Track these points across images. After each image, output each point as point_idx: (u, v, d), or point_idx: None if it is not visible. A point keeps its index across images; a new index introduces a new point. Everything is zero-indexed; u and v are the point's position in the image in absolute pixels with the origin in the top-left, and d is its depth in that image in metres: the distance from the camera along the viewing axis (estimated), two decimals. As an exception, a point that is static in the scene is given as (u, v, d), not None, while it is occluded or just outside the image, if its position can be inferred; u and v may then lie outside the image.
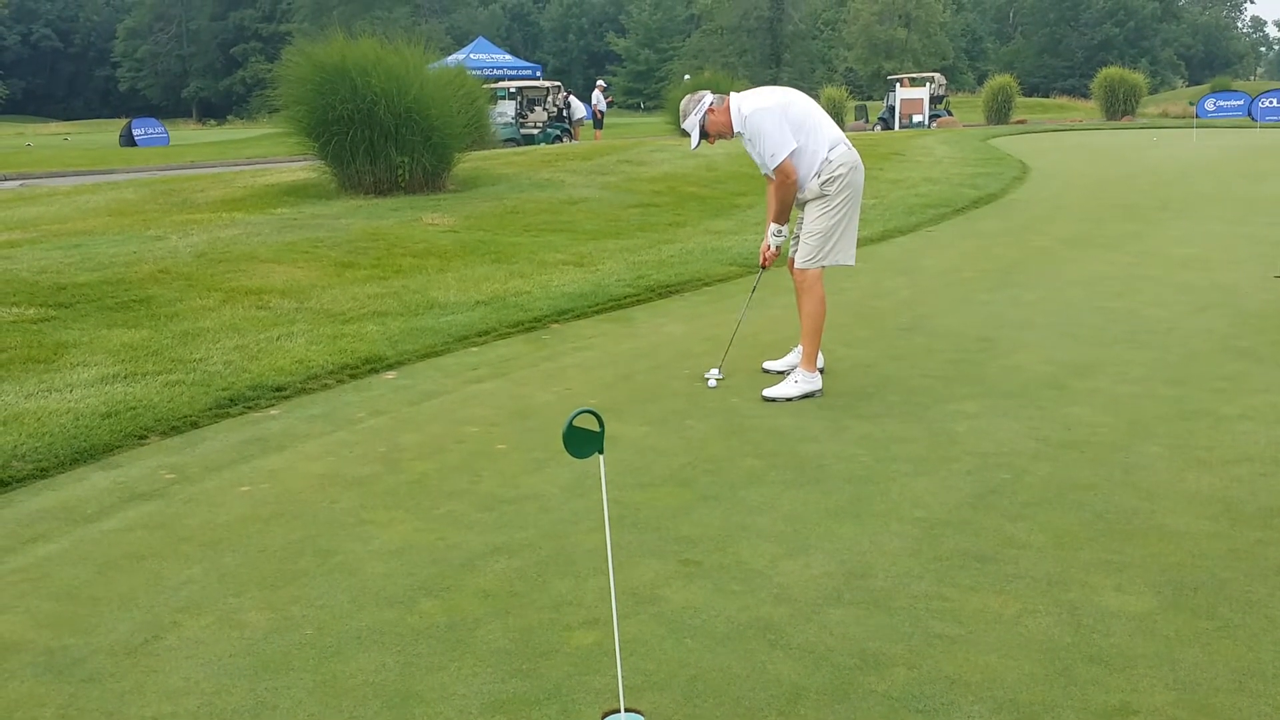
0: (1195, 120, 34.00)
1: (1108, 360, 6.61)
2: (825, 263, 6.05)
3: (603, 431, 2.95)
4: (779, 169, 5.86)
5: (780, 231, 6.14)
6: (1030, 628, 3.41)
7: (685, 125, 6.09)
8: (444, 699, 3.09)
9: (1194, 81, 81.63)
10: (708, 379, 6.30)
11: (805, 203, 6.06)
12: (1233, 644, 3.27)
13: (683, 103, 6.13)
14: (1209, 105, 42.17)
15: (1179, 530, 4.10)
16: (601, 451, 2.98)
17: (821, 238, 6.00)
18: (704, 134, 6.05)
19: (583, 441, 2.97)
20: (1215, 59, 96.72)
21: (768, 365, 6.56)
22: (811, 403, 5.93)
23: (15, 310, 7.50)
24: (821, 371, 6.19)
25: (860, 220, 6.26)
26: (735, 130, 5.99)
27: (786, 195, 5.97)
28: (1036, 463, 4.87)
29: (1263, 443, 5.05)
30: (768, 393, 6.01)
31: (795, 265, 6.14)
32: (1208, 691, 3.02)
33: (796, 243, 6.19)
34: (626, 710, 2.98)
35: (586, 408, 2.96)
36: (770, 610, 3.57)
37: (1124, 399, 5.81)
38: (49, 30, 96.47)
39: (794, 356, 6.39)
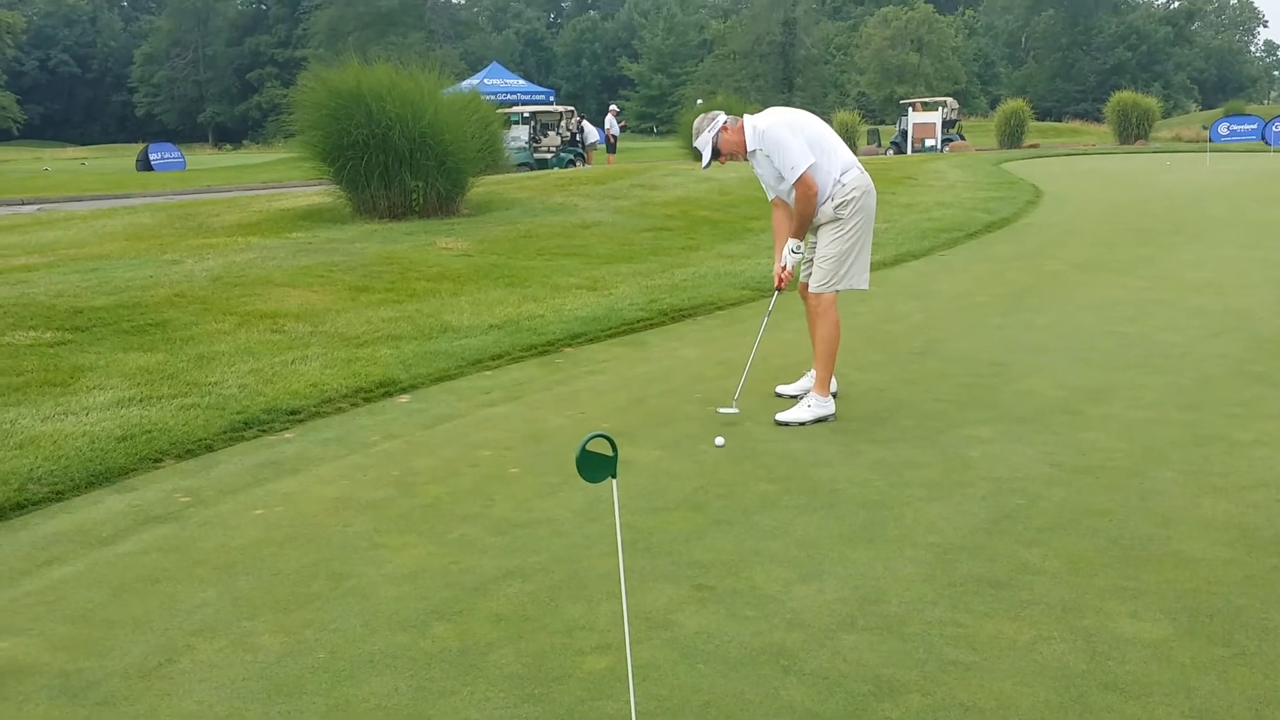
0: (1208, 144, 33.95)
1: (1121, 385, 6.59)
2: (840, 287, 6.06)
3: (616, 456, 2.95)
4: (800, 182, 5.85)
5: (799, 248, 6.09)
6: (1045, 654, 3.40)
7: (697, 143, 6.09)
8: (457, 724, 3.09)
9: (1207, 106, 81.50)
10: (722, 413, 6.18)
11: (819, 227, 6.08)
12: (1249, 671, 3.26)
13: (696, 121, 6.14)
14: (1222, 129, 42.11)
15: (1195, 556, 4.08)
16: (615, 476, 2.99)
17: (836, 262, 6.01)
18: (716, 153, 6.05)
19: (596, 466, 2.97)
20: (1228, 83, 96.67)
21: (781, 389, 6.53)
22: (824, 427, 5.93)
23: (32, 334, 7.55)
24: (834, 396, 6.18)
25: (874, 244, 6.27)
26: (750, 149, 5.97)
27: (808, 209, 5.95)
28: (1051, 488, 4.86)
29: (1278, 469, 5.03)
30: (781, 417, 6.00)
31: (810, 289, 6.15)
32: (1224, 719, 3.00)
33: (809, 267, 6.21)
34: None
35: (600, 432, 2.97)
36: (783, 636, 3.56)
37: (1138, 424, 5.79)
38: (67, 56, 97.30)
39: (807, 381, 6.37)
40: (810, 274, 6.20)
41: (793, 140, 5.88)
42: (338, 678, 3.35)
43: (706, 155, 6.07)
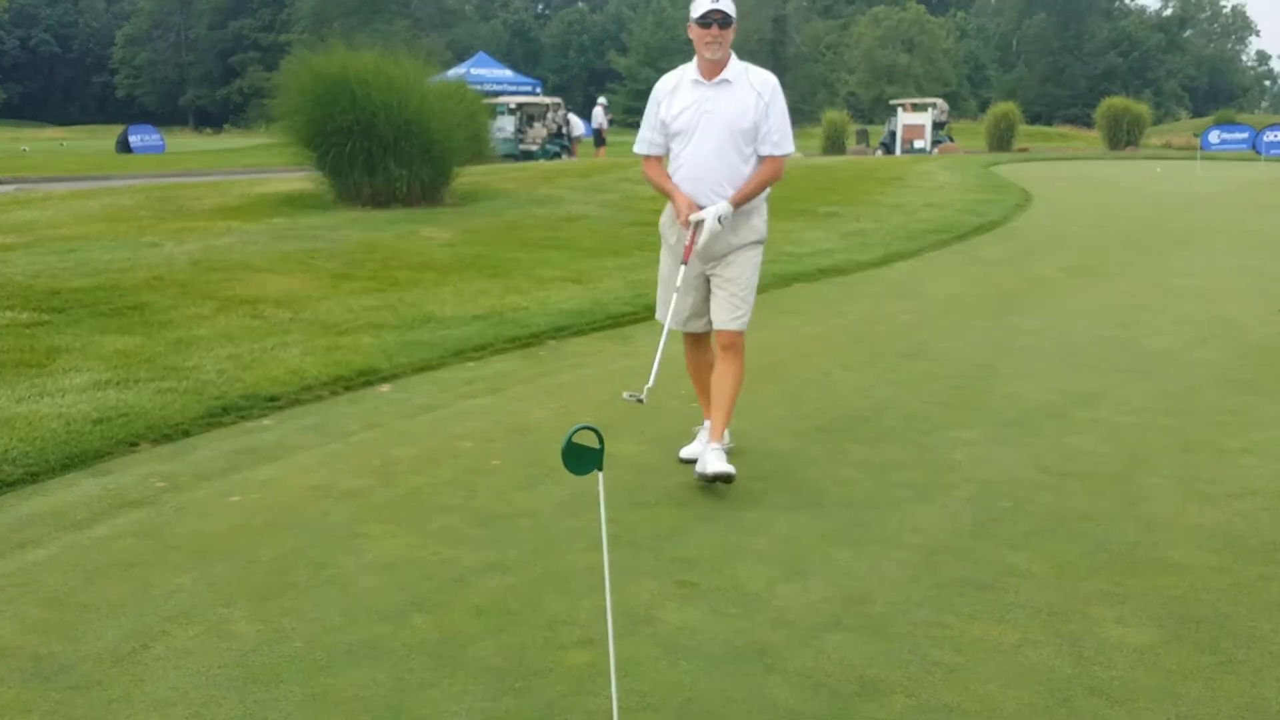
0: (1199, 152, 34.08)
1: (1109, 390, 6.58)
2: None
3: (602, 449, 2.91)
4: (778, 163, 4.93)
5: (726, 219, 4.84)
6: (1030, 658, 3.37)
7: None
8: (435, 716, 3.04)
9: (1198, 114, 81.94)
10: (629, 398, 4.96)
11: (735, 249, 4.95)
12: (1236, 679, 3.23)
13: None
14: (1213, 137, 42.27)
15: (1181, 563, 4.06)
16: (601, 469, 2.94)
17: (753, 291, 5.03)
18: (727, 20, 4.78)
19: (582, 458, 2.93)
20: (1220, 91, 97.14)
21: (683, 453, 5.29)
22: (810, 425, 5.87)
23: (8, 314, 7.45)
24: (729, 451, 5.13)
25: (862, 244, 6.19)
26: (730, 74, 4.86)
27: (760, 189, 4.92)
28: (1037, 491, 4.83)
29: (1266, 477, 5.02)
30: (712, 469, 4.79)
31: (725, 326, 4.98)
32: (1212, 727, 2.98)
33: (698, 302, 5.10)
34: None
35: (586, 424, 2.92)
36: (767, 634, 3.52)
37: (1125, 429, 5.78)
38: (48, 35, 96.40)
39: (706, 435, 5.14)
40: (701, 310, 5.11)
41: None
42: (315, 667, 3.30)
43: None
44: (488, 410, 6.14)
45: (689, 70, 4.89)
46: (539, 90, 47.31)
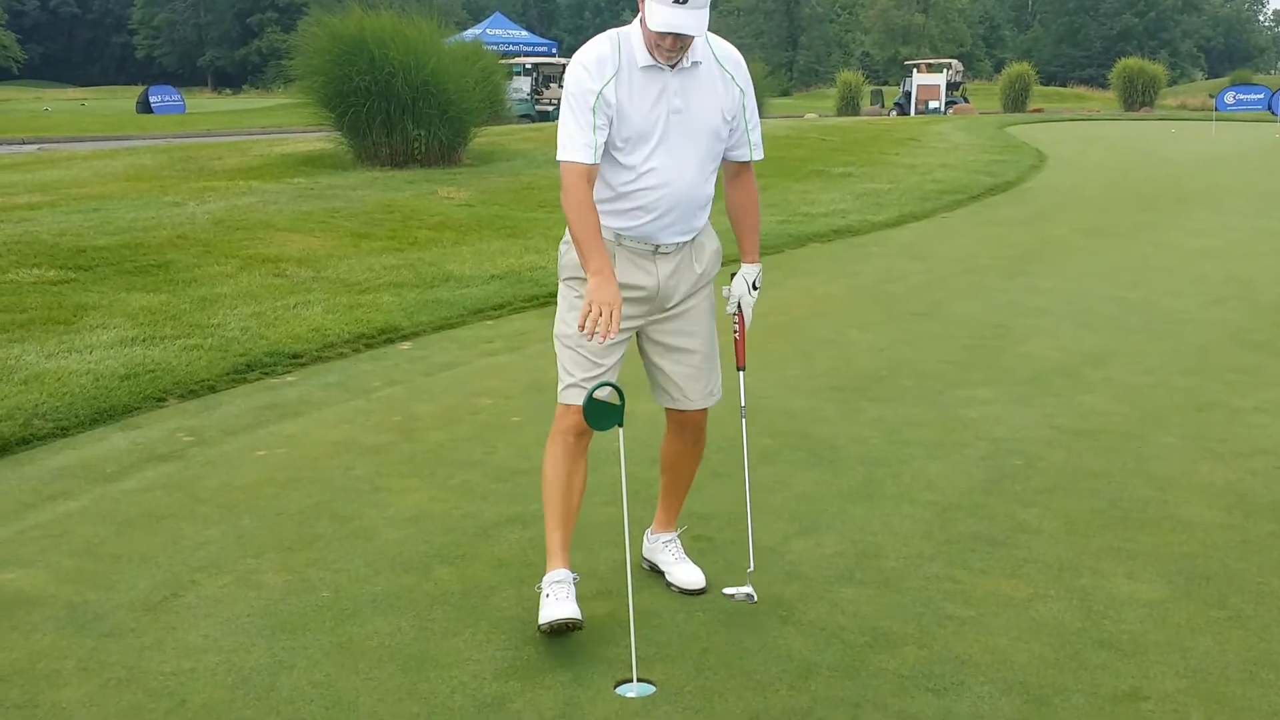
0: (1214, 113, 33.82)
1: (1122, 350, 6.61)
2: None
3: (623, 404, 2.98)
4: (750, 168, 3.54)
5: (757, 280, 3.58)
6: (1041, 612, 3.43)
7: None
8: (458, 664, 3.13)
9: (1213, 74, 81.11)
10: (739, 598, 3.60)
11: (692, 292, 3.48)
12: (1244, 634, 3.29)
13: None
14: (1228, 98, 41.96)
15: (1192, 520, 4.12)
16: (621, 425, 3.01)
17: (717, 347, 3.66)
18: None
19: (603, 414, 3.01)
20: (1235, 52, 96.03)
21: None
22: (825, 384, 5.92)
23: (36, 272, 7.54)
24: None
25: (876, 204, 6.16)
26: (695, 58, 3.23)
27: (757, 213, 3.62)
28: (1050, 449, 4.88)
29: (1277, 436, 5.06)
30: (691, 583, 3.64)
31: (703, 405, 3.66)
32: (1218, 680, 3.04)
33: (678, 374, 3.56)
34: (639, 680, 3.01)
35: (608, 381, 2.98)
36: (782, 588, 3.60)
37: (1138, 389, 5.82)
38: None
39: (673, 546, 3.79)
40: (669, 384, 3.59)
41: None
42: (341, 616, 3.39)
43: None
44: (507, 368, 6.21)
45: (630, 45, 3.24)
46: (555, 51, 47.09)
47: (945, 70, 40.78)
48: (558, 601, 3.24)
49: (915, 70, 41.42)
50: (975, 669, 3.10)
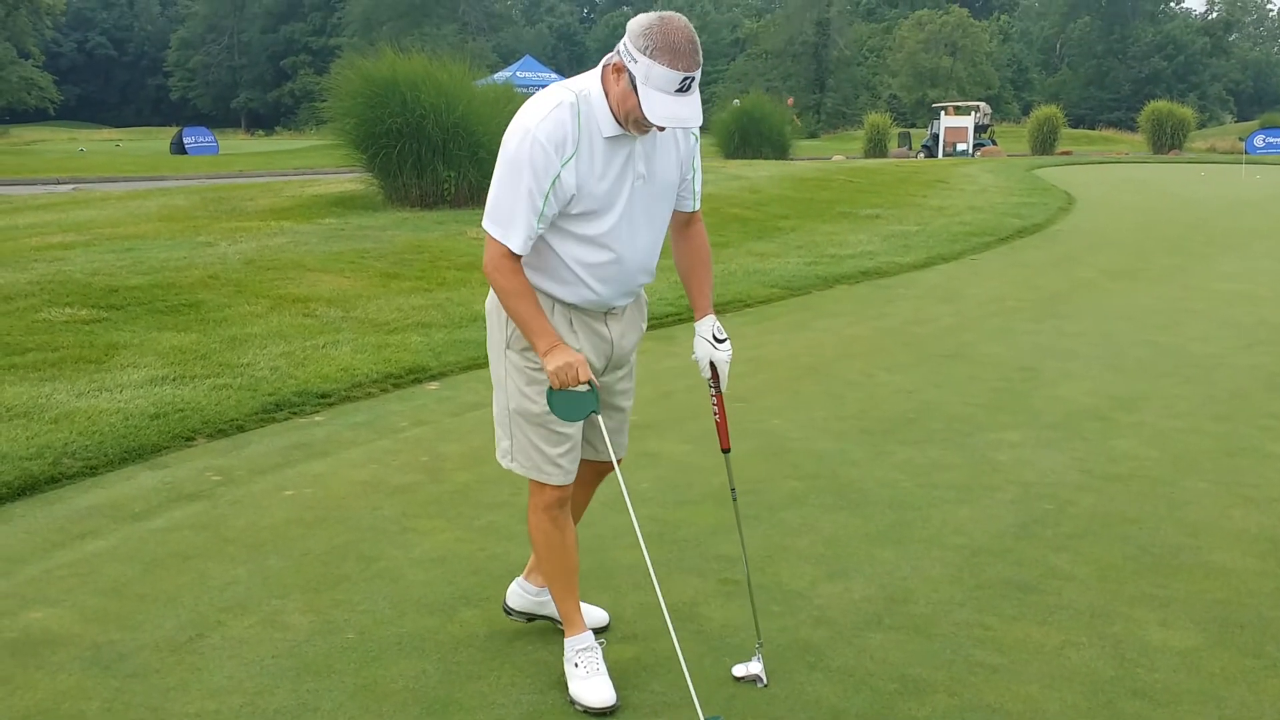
0: (1244, 156, 33.67)
1: (1153, 394, 6.55)
2: None
3: (594, 391, 2.96)
4: (699, 217, 3.47)
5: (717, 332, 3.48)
6: (1073, 660, 3.39)
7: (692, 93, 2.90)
8: (483, 707, 3.11)
9: (1243, 117, 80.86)
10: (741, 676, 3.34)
11: (633, 348, 3.43)
12: (1279, 683, 3.24)
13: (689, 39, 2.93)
14: (1258, 141, 41.76)
15: (1225, 567, 4.06)
16: (598, 412, 2.98)
17: None
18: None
19: (571, 404, 2.96)
20: (1265, 95, 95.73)
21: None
22: (853, 426, 5.89)
23: (68, 310, 7.62)
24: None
25: (904, 246, 6.15)
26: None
27: (710, 264, 3.57)
28: (1080, 494, 4.84)
29: (1311, 482, 4.99)
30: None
31: (619, 456, 3.27)
32: (1253, 729, 2.99)
33: (613, 426, 3.36)
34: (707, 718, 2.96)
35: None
36: (810, 632, 3.56)
37: (1170, 433, 5.76)
38: (104, 39, 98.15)
39: (596, 618, 3.59)
40: (597, 439, 3.28)
41: None
42: (366, 658, 3.38)
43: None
44: (533, 409, 6.20)
45: (592, 112, 2.97)
46: (584, 92, 47.32)
47: (973, 113, 40.83)
48: (591, 678, 3.15)
49: (943, 112, 41.49)
50: (1006, 718, 3.06)
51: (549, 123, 2.93)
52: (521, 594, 3.58)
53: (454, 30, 68.68)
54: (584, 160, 2.96)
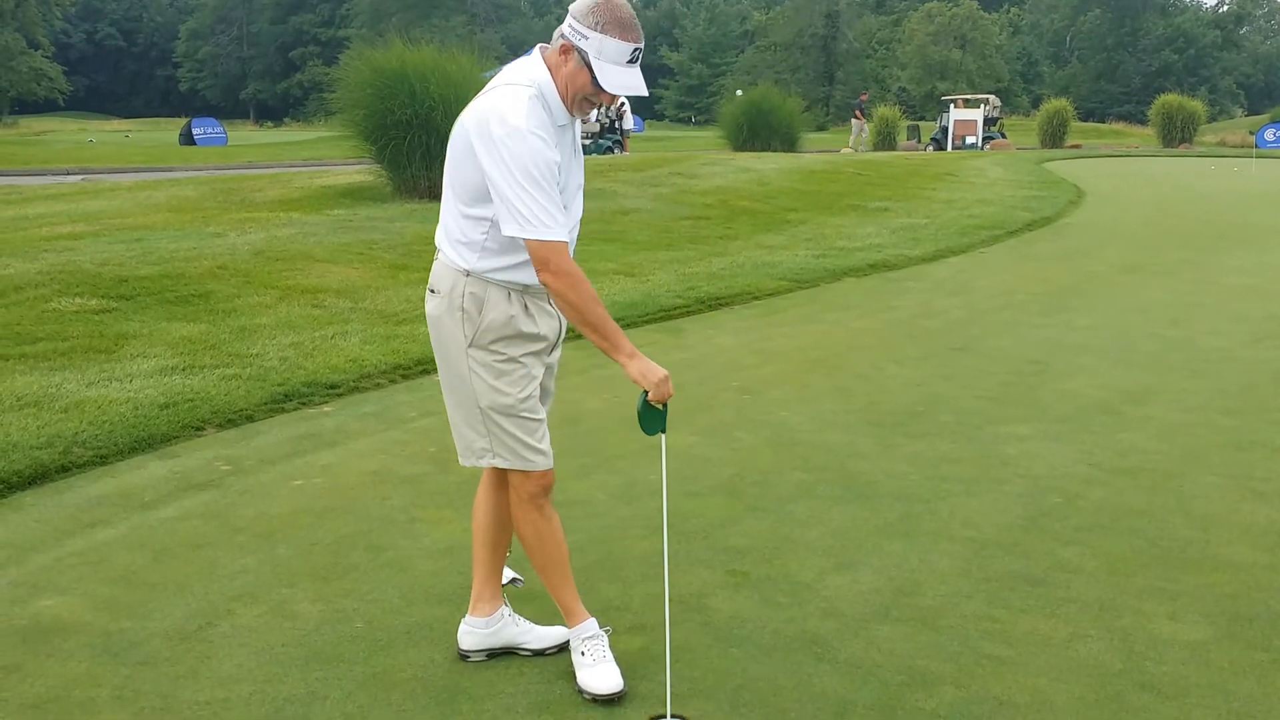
0: (1254, 150, 33.54)
1: (1163, 388, 6.54)
2: None
3: (665, 410, 3.07)
4: None
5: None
6: (1081, 652, 3.39)
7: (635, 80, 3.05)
8: (491, 697, 3.12)
9: (1253, 111, 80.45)
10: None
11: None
12: (1288, 676, 3.23)
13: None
14: (1269, 135, 41.54)
15: (1234, 561, 4.06)
16: (664, 430, 3.05)
17: None
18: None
19: (657, 418, 3.10)
20: (1275, 88, 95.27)
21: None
22: (862, 419, 5.89)
23: (78, 301, 7.63)
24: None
25: (913, 239, 6.15)
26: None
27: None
28: (1089, 487, 4.83)
29: (1321, 476, 4.98)
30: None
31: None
32: (1262, 723, 2.99)
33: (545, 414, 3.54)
34: (673, 716, 2.99)
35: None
36: (817, 624, 3.57)
37: (1179, 427, 5.75)
38: (113, 29, 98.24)
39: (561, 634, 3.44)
40: None
41: None
42: (375, 647, 3.39)
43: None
44: (542, 401, 6.20)
45: (550, 103, 3.05)
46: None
47: (983, 106, 40.62)
48: (598, 665, 3.16)
49: (952, 106, 41.31)
50: (1014, 710, 3.06)
51: (534, 116, 2.98)
52: (472, 631, 3.37)
53: (463, 22, 68.64)
54: (557, 145, 3.05)
